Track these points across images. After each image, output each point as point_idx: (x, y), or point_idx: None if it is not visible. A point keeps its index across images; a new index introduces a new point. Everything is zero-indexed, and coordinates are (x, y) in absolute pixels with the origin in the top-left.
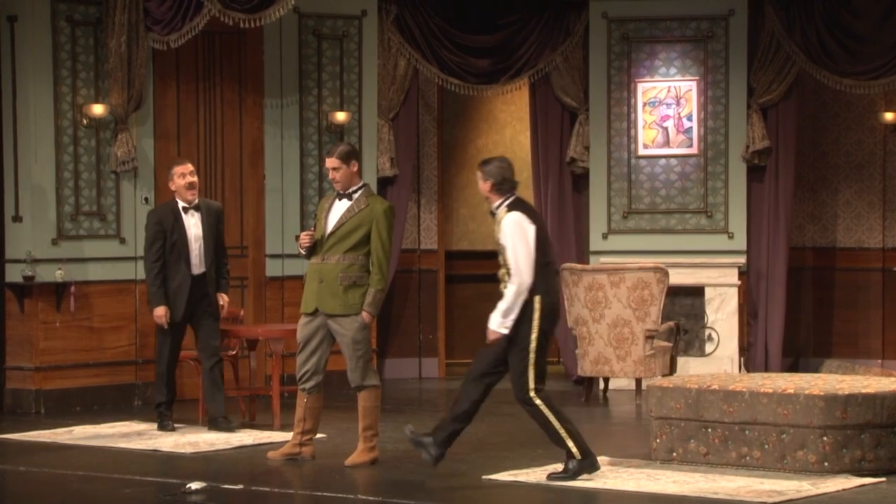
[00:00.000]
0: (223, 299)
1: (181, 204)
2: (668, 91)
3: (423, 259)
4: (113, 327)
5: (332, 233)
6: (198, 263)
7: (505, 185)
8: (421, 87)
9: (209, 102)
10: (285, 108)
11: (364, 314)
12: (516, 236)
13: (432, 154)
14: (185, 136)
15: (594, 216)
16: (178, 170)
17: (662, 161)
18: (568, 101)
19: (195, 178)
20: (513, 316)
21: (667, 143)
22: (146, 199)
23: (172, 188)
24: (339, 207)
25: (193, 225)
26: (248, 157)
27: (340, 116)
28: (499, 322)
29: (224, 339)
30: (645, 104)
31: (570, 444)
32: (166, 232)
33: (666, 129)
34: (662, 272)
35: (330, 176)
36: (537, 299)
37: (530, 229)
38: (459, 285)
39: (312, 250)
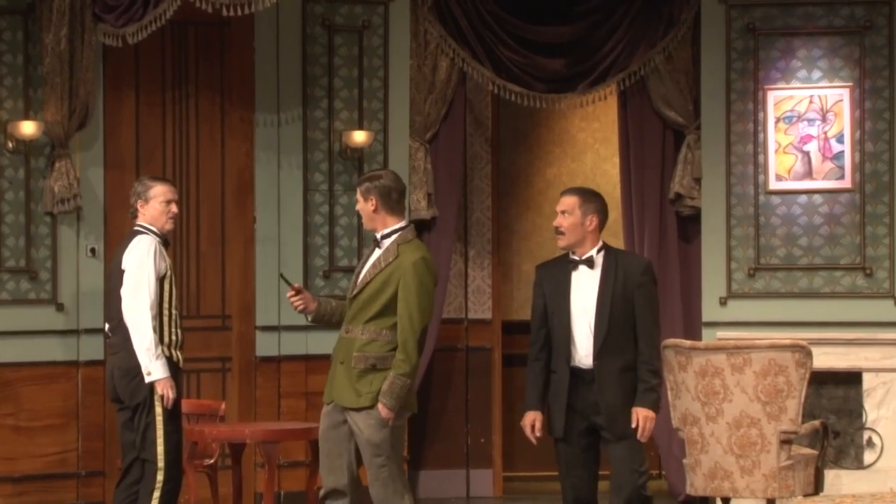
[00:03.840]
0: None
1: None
2: (811, 102)
3: (473, 332)
4: (46, 427)
5: (356, 295)
6: None
7: None
8: (469, 98)
9: (180, 119)
10: (284, 126)
11: (380, 407)
12: None
13: (485, 189)
14: (146, 164)
15: (708, 274)
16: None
17: (803, 198)
18: (672, 116)
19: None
20: None
21: (809, 174)
22: (93, 251)
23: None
24: (371, 260)
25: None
26: (232, 193)
27: (359, 137)
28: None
29: (197, 442)
30: (778, 120)
31: None
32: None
33: (807, 154)
34: (803, 352)
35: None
36: None
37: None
38: (522, 369)
39: (332, 315)
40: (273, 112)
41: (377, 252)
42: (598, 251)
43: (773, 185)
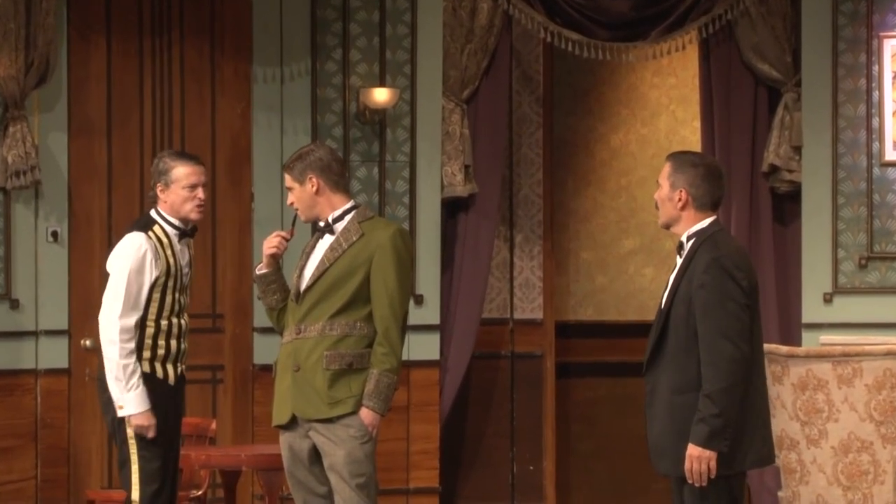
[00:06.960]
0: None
1: None
2: None
3: (520, 336)
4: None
5: (310, 288)
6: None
7: None
8: (516, 48)
9: (161, 74)
10: (288, 82)
11: (364, 412)
12: None
13: (535, 160)
14: (120, 128)
15: (810, 264)
16: None
17: None
18: (765, 71)
19: None
20: None
21: None
22: (54, 235)
23: None
24: (321, 248)
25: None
26: (225, 164)
27: (380, 96)
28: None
29: (182, 469)
30: None
31: None
32: None
33: None
34: None
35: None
36: None
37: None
38: (580, 381)
39: (281, 290)
40: (275, 65)
41: (330, 238)
42: (690, 237)
43: (890, 154)
